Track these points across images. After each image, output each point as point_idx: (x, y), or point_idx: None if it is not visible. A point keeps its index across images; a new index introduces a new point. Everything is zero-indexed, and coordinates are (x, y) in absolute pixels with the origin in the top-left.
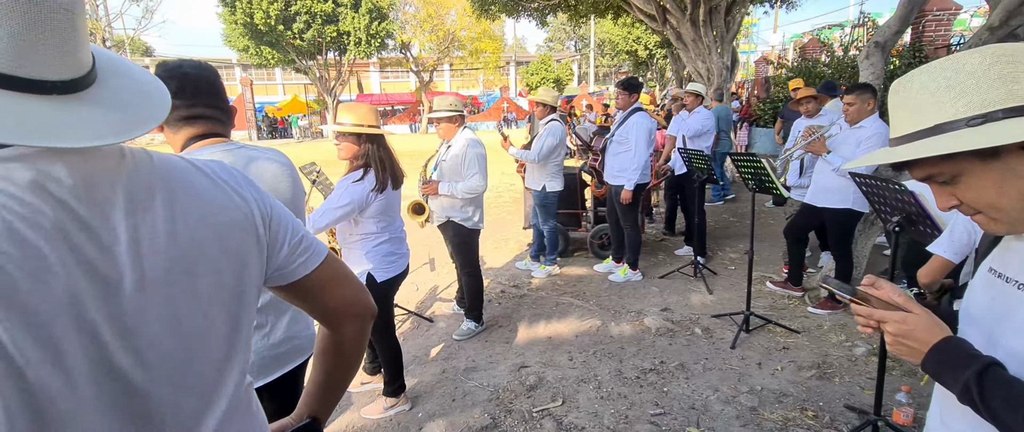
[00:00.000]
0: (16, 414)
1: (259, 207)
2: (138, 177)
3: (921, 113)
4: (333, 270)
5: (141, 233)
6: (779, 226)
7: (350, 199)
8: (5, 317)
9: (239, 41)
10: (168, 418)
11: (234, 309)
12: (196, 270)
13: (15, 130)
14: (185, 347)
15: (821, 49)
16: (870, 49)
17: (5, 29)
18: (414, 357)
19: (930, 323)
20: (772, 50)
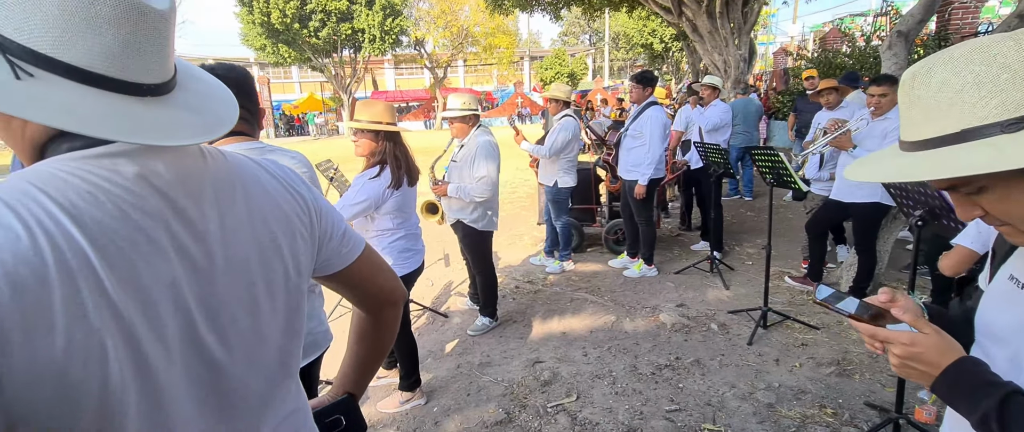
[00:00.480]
0: (129, 381)
1: (312, 201)
2: (219, 173)
3: (942, 115)
4: (372, 259)
5: (227, 223)
6: (798, 221)
7: (367, 195)
8: (126, 295)
9: (256, 40)
10: (240, 394)
11: (295, 295)
12: (268, 257)
13: (120, 129)
14: (258, 329)
15: (842, 39)
16: (893, 39)
17: (117, 36)
18: (429, 352)
19: (941, 344)
20: (791, 41)
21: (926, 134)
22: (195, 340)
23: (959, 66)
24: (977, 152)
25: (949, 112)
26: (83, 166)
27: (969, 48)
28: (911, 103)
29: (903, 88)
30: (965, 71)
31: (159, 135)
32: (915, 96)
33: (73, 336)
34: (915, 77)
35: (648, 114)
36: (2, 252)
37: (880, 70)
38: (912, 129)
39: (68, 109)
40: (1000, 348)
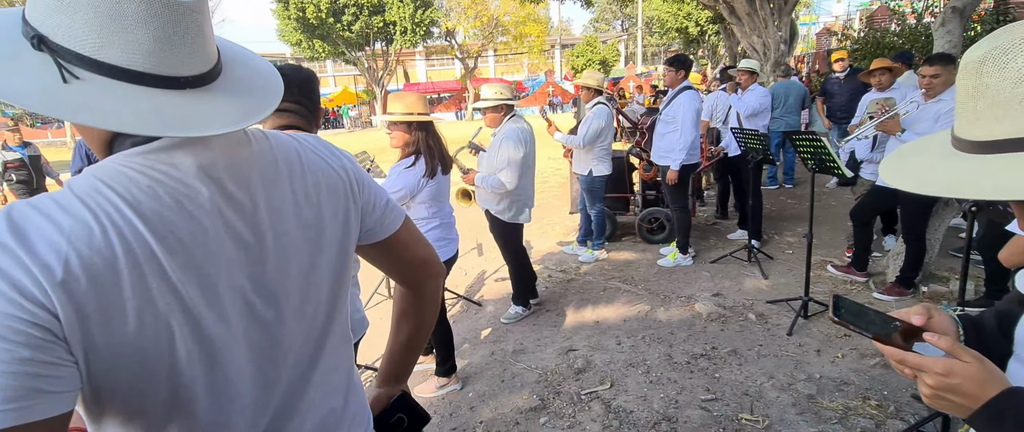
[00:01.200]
0: (196, 357)
1: (354, 174)
2: (264, 155)
3: (1020, 112)
4: (412, 231)
5: (274, 203)
6: (841, 208)
7: (403, 185)
8: (186, 278)
9: (292, 36)
10: (292, 351)
11: (340, 263)
12: (316, 230)
13: (157, 123)
14: (307, 295)
15: (891, 17)
16: (947, 15)
17: (147, 33)
18: (464, 339)
19: (982, 374)
20: (836, 21)
21: (995, 134)
22: (253, 314)
23: None
24: None
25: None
26: (144, 161)
27: None
28: (977, 93)
29: (967, 73)
30: None
31: (200, 126)
32: (983, 85)
33: (143, 319)
34: (985, 61)
35: (681, 98)
36: (78, 244)
37: (932, 50)
38: (975, 125)
39: (113, 110)
40: None
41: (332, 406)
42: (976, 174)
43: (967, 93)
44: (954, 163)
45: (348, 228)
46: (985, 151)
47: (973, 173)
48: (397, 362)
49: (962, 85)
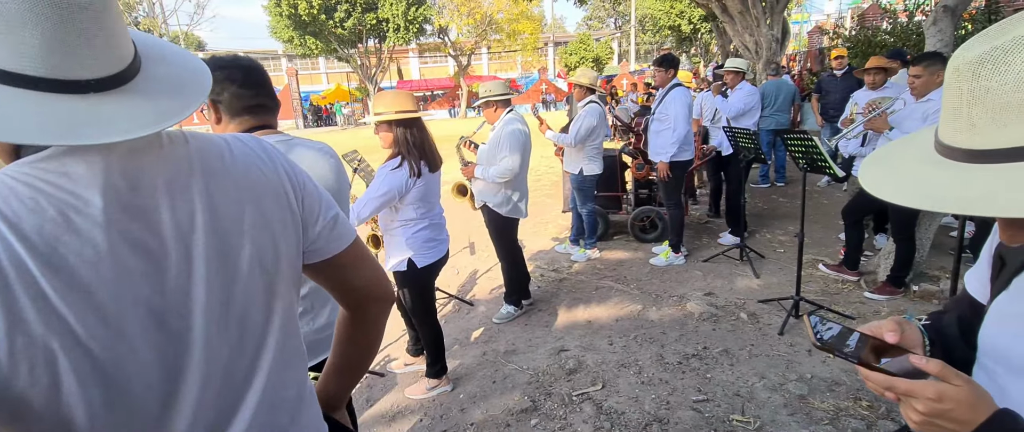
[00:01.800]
0: (84, 371)
1: (290, 180)
2: (177, 160)
3: (1022, 119)
4: (360, 251)
5: (184, 210)
6: (833, 207)
7: (388, 186)
8: (71, 297)
9: (284, 32)
10: (216, 365)
11: (275, 274)
12: (235, 240)
13: (39, 130)
14: (229, 307)
15: (882, 16)
16: (938, 13)
17: (35, 34)
18: (455, 340)
19: (972, 397)
20: (827, 19)
21: (999, 142)
22: (163, 328)
23: None
24: None
25: None
26: (33, 170)
27: None
28: (973, 98)
29: (961, 75)
30: None
31: (99, 132)
32: (982, 89)
33: (14, 343)
34: (982, 63)
35: (672, 95)
36: None
37: (924, 48)
38: (968, 133)
39: None
40: (1020, 381)
41: (278, 423)
42: (986, 190)
43: (961, 98)
44: (950, 174)
45: (282, 238)
46: (981, 161)
47: (982, 189)
48: (331, 387)
49: (954, 89)
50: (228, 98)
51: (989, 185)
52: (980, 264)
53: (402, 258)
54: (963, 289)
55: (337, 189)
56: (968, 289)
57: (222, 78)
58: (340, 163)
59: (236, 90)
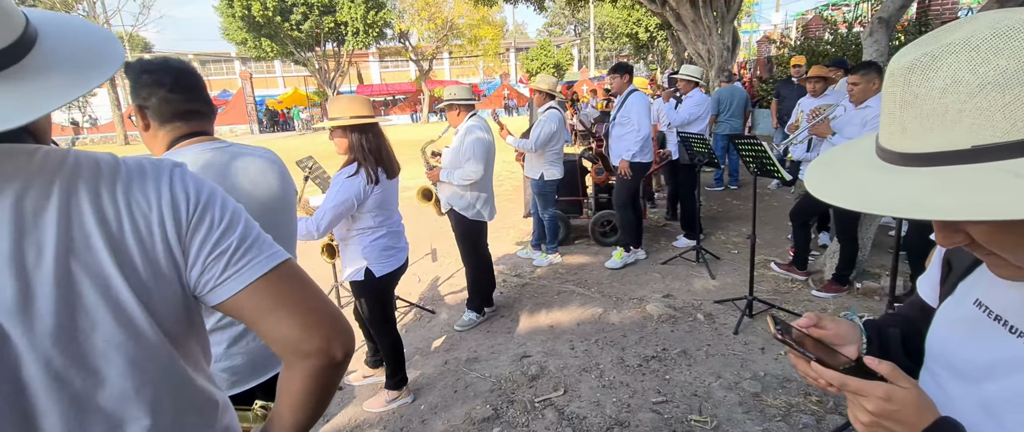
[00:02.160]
0: None
1: (172, 207)
2: (37, 181)
3: (949, 123)
4: (278, 291)
5: (27, 244)
6: (783, 208)
7: (346, 195)
8: None
9: (237, 34)
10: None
11: (145, 316)
12: (88, 283)
13: None
14: (75, 358)
15: (824, 27)
16: (874, 25)
17: None
18: (416, 349)
19: (920, 401)
20: (775, 29)
21: (927, 146)
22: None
23: (977, 58)
24: (1004, 184)
25: (958, 121)
26: None
27: (990, 32)
28: (904, 102)
29: (895, 81)
30: (986, 66)
31: None
32: (911, 94)
33: None
34: (913, 69)
35: (631, 99)
36: None
37: (863, 57)
38: (903, 137)
39: None
40: (966, 387)
41: None
42: (916, 193)
43: (895, 102)
44: (887, 177)
45: (152, 276)
46: (914, 164)
47: (913, 192)
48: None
49: (890, 93)
50: (157, 103)
51: (918, 188)
52: (931, 268)
53: (359, 267)
54: (915, 294)
55: (283, 197)
56: (920, 293)
57: (149, 82)
58: (285, 170)
59: (165, 95)
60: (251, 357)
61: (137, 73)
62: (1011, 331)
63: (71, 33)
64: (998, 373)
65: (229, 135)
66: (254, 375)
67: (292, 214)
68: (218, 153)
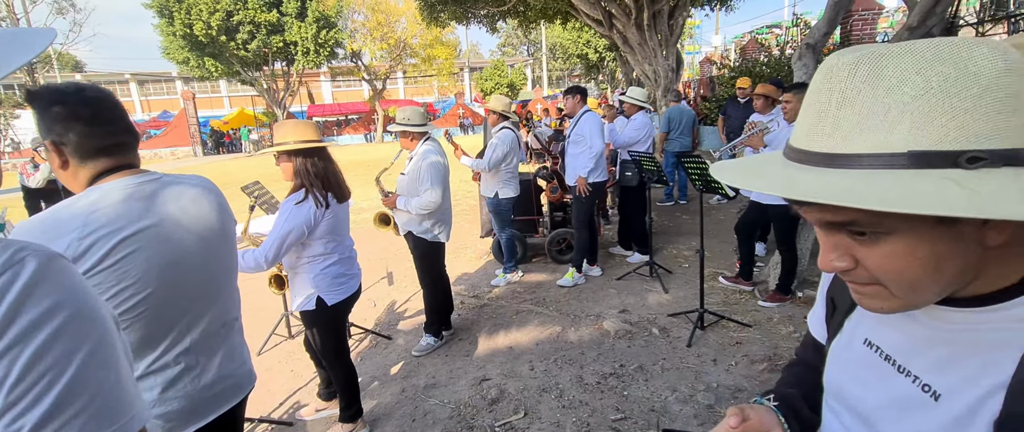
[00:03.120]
0: None
1: None
2: None
3: (889, 124)
4: None
5: None
6: (729, 222)
7: (295, 222)
8: None
9: (179, 53)
10: None
11: None
12: None
13: None
14: None
15: (759, 49)
16: (802, 49)
17: None
18: (373, 377)
19: None
20: (715, 51)
21: (858, 147)
22: None
23: (923, 62)
24: (943, 189)
25: (899, 121)
26: None
27: (934, 44)
28: (845, 99)
29: (832, 77)
30: (931, 71)
31: None
32: (854, 90)
33: None
34: (859, 64)
35: (585, 119)
36: None
37: (794, 78)
38: (832, 136)
39: None
40: (863, 427)
41: None
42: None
43: (832, 99)
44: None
45: None
46: (841, 165)
47: (847, 183)
48: None
49: (825, 90)
50: (76, 140)
51: (850, 181)
52: (817, 306)
53: (310, 296)
54: (807, 333)
55: (220, 229)
56: (810, 330)
57: (64, 115)
58: (223, 199)
59: (84, 129)
60: (190, 400)
61: (46, 104)
62: (900, 370)
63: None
64: (892, 414)
65: (171, 158)
66: (193, 420)
67: (231, 247)
68: (145, 186)
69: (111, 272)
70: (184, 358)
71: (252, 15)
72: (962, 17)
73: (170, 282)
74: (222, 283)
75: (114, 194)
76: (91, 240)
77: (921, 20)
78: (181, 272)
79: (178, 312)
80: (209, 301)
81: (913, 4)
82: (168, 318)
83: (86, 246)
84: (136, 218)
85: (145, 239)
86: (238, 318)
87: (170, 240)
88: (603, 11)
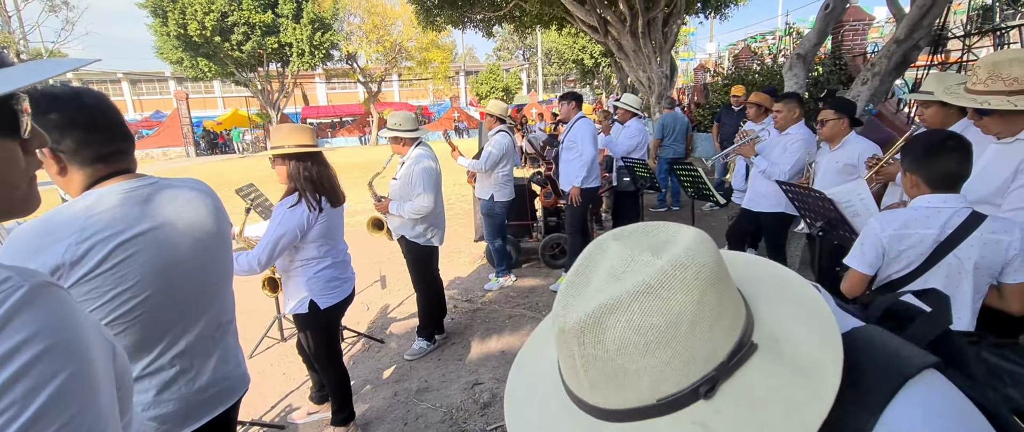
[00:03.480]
0: None
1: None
2: None
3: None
4: None
5: None
6: (721, 228)
7: (287, 226)
8: None
9: (172, 53)
10: None
11: None
12: None
13: None
14: None
15: (752, 57)
16: (792, 60)
17: None
18: (365, 381)
19: None
20: (709, 58)
21: (616, 403)
22: None
23: (636, 319)
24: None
25: (640, 378)
26: None
27: (633, 291)
28: (586, 363)
29: (567, 339)
30: (645, 327)
31: None
32: (590, 356)
33: None
34: (584, 332)
35: (578, 125)
36: None
37: (785, 86)
38: (592, 393)
39: None
40: None
41: None
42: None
43: (575, 362)
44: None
45: None
46: (612, 419)
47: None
48: None
49: (567, 352)
50: (73, 146)
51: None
52: None
53: (303, 299)
54: None
55: (216, 232)
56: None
57: (60, 121)
58: (218, 203)
59: (82, 136)
60: (184, 403)
61: (42, 111)
62: None
63: (34, 67)
64: None
65: (162, 158)
66: (187, 422)
67: (226, 250)
68: (142, 190)
69: (108, 276)
70: (179, 361)
71: (247, 16)
72: (949, 30)
73: (166, 286)
74: (217, 286)
75: (111, 198)
76: (89, 244)
77: (908, 33)
78: (177, 275)
79: (174, 315)
80: (204, 304)
81: (901, 17)
82: (164, 321)
83: (83, 250)
84: (133, 222)
85: (142, 243)
86: (232, 321)
87: (167, 244)
88: (598, 18)
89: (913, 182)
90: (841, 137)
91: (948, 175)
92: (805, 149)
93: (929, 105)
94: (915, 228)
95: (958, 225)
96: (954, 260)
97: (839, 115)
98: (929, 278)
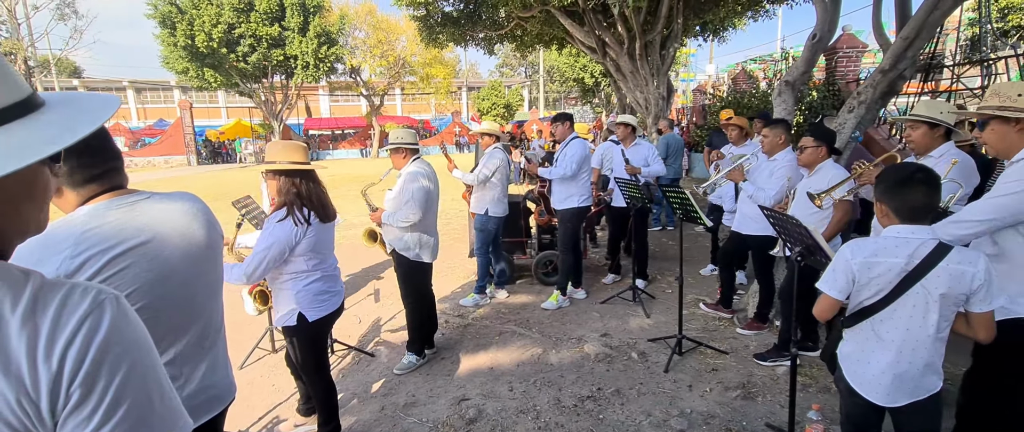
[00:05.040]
0: None
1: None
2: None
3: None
4: None
5: None
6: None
7: (274, 239)
8: None
9: (178, 63)
10: None
11: None
12: None
13: None
14: None
15: (748, 80)
16: (781, 87)
17: None
18: (353, 394)
19: None
20: (708, 79)
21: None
22: None
23: None
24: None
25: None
26: None
27: None
28: None
29: None
30: None
31: None
32: None
33: None
34: None
35: (571, 145)
36: None
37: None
38: None
39: None
40: None
41: None
42: None
43: None
44: None
45: None
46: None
47: None
48: None
49: None
50: (68, 170)
51: None
52: None
53: (291, 311)
54: None
55: (208, 245)
56: None
57: None
58: (210, 216)
59: (76, 161)
60: None
61: None
62: None
63: (74, 102)
64: None
65: (164, 166)
66: None
67: (217, 261)
68: (135, 204)
69: None
70: (169, 369)
71: (254, 28)
72: (940, 57)
73: (159, 297)
74: (208, 296)
75: (104, 213)
76: (83, 258)
77: (892, 64)
78: (170, 287)
79: (166, 326)
80: (195, 314)
81: (886, 48)
82: (156, 332)
83: (78, 264)
84: (127, 236)
85: (135, 256)
86: (221, 330)
87: (159, 257)
88: (597, 39)
89: (883, 211)
90: (818, 164)
91: (916, 208)
92: (790, 174)
93: (917, 127)
94: (884, 257)
95: (925, 256)
96: (921, 289)
97: (818, 143)
98: (898, 306)
